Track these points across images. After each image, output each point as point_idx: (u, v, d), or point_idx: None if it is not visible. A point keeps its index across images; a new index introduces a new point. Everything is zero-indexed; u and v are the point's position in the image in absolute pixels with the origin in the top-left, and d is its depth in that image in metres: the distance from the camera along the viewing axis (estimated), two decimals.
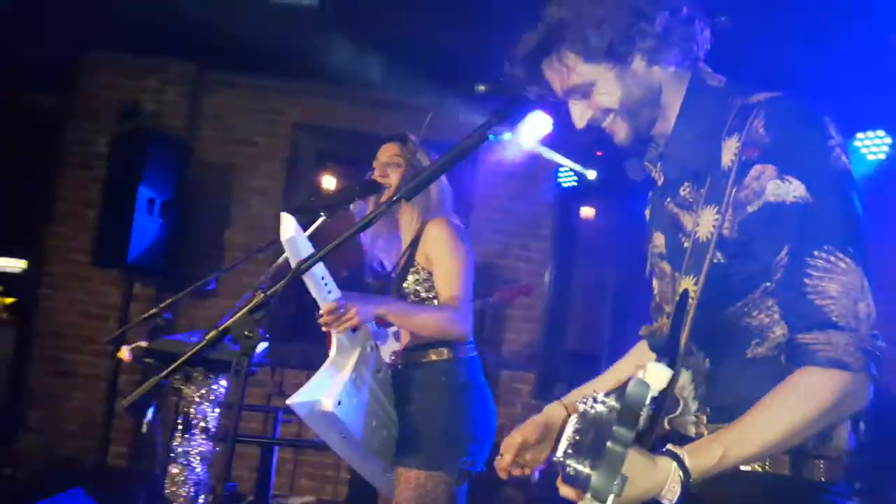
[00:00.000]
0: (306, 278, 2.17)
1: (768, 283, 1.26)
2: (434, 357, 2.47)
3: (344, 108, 5.60)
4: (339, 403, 2.23)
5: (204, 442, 3.10)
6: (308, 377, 2.23)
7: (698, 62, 1.40)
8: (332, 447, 2.39)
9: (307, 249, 2.07)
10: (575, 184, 5.34)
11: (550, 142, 5.16)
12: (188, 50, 5.37)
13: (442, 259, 2.45)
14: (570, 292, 5.38)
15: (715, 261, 1.27)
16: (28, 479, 4.88)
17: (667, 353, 1.28)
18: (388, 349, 2.60)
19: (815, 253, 1.19)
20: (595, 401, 1.01)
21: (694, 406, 1.35)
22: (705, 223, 1.30)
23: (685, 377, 1.36)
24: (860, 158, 4.34)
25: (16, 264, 7.07)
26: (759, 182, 1.23)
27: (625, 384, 1.01)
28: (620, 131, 1.40)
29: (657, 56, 1.34)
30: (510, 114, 1.60)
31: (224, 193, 5.58)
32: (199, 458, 3.09)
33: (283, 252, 2.26)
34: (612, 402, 1.00)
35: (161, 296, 5.38)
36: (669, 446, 1.16)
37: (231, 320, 1.57)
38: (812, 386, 1.17)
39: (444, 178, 2.65)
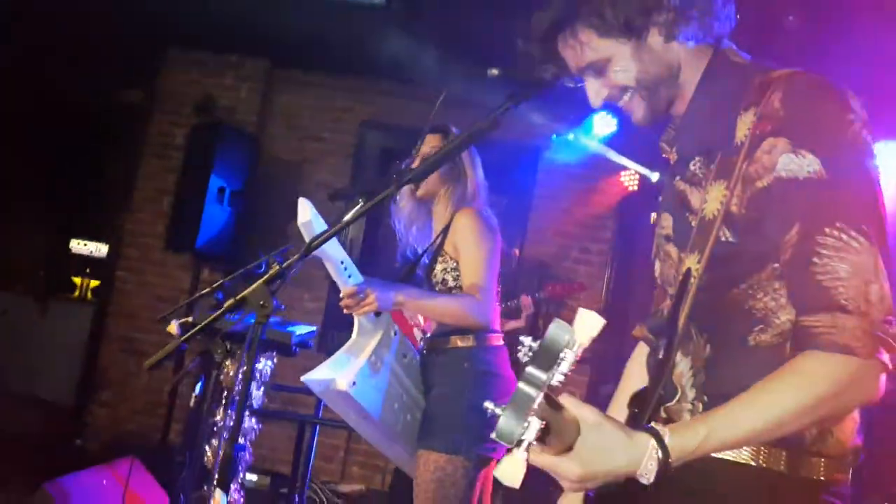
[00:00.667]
0: (326, 262, 2.23)
1: (776, 265, 1.19)
2: (459, 343, 2.49)
3: (407, 105, 5.68)
4: (355, 384, 2.27)
5: (245, 418, 3.21)
6: None
7: (721, 39, 1.34)
8: (353, 426, 2.45)
9: (323, 230, 2.13)
10: (636, 187, 5.25)
11: (614, 143, 5.10)
12: (261, 48, 5.59)
13: (467, 248, 2.47)
14: (629, 297, 5.29)
15: (721, 238, 1.22)
16: (95, 452, 5.16)
17: (665, 335, 1.24)
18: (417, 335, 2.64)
19: (827, 230, 1.11)
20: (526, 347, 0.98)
21: (691, 394, 1.28)
22: (713, 199, 1.24)
23: (684, 363, 1.29)
24: None
25: (100, 248, 7.51)
26: (770, 156, 1.17)
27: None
28: (638, 110, 1.35)
29: (675, 31, 1.28)
30: (525, 97, 1.60)
31: (291, 186, 5.76)
32: (241, 434, 3.20)
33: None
34: (535, 345, 0.96)
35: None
36: (653, 423, 1.12)
37: (247, 290, 1.64)
38: (812, 371, 1.10)
39: (480, 171, 2.69)
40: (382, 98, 5.73)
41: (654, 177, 5.13)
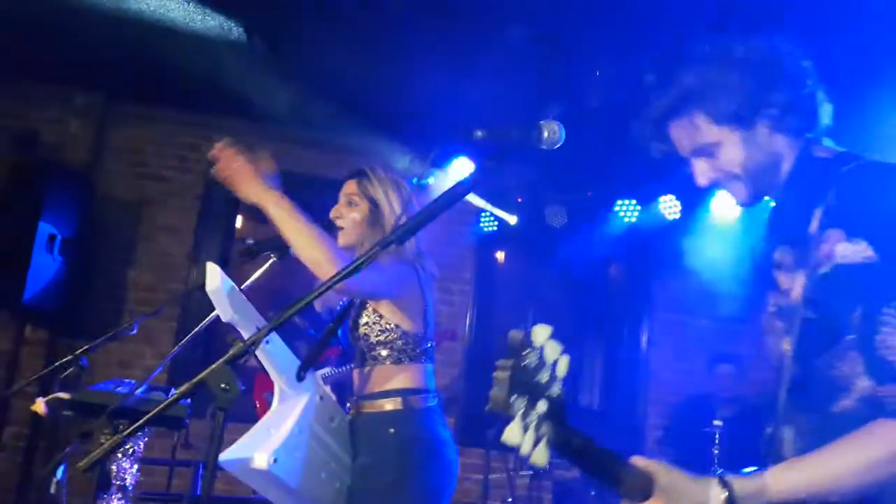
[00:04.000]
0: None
1: (851, 336, 1.31)
2: (387, 406, 2.36)
3: (265, 146, 5.44)
4: (276, 461, 2.09)
5: (120, 502, 2.84)
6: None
7: (814, 133, 1.47)
8: (274, 501, 2.23)
9: (235, 296, 1.95)
10: (495, 228, 5.38)
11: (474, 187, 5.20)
12: (96, 80, 5.09)
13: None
14: (490, 336, 5.38)
15: (806, 317, 1.36)
16: None
17: (771, 410, 1.44)
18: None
19: (884, 310, 1.25)
20: None
21: None
22: (797, 285, 1.40)
23: (788, 433, 1.41)
24: None
25: None
26: (829, 245, 1.32)
27: None
28: (740, 194, 1.49)
29: (780, 125, 1.43)
30: (503, 160, 1.59)
31: (130, 230, 5.27)
32: None
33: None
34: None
35: (55, 340, 4.99)
36: (720, 471, 1.29)
37: (207, 371, 1.44)
38: (875, 435, 1.22)
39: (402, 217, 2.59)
40: (235, 137, 5.42)
41: (512, 220, 5.29)
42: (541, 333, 1.21)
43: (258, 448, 2.08)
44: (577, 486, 4.70)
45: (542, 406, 1.18)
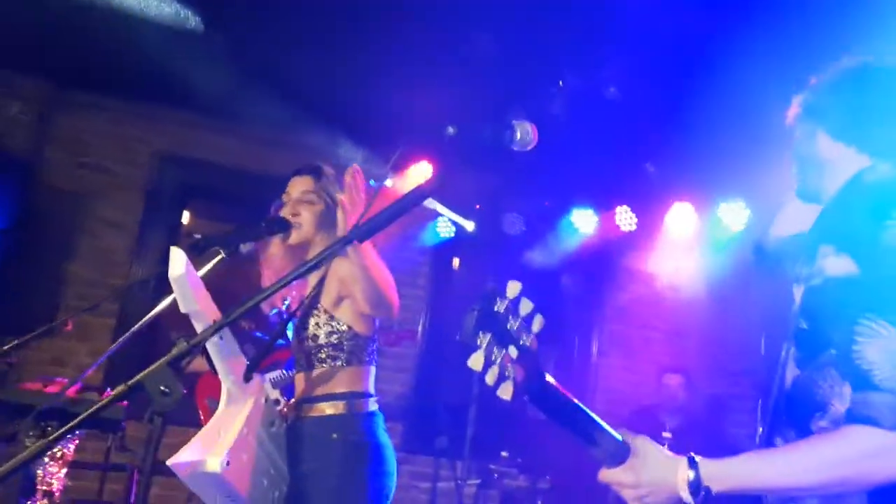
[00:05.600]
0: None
1: (833, 350, 1.35)
2: (329, 411, 2.29)
3: (214, 140, 5.29)
4: (228, 464, 2.00)
5: None
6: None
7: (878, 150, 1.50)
8: None
9: (199, 288, 1.86)
10: (452, 234, 5.33)
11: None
12: (41, 65, 4.87)
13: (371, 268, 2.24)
14: (445, 343, 5.32)
15: (800, 327, 1.43)
16: None
17: (764, 416, 1.54)
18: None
19: (860, 321, 1.29)
20: None
21: None
22: (797, 297, 1.46)
23: (779, 442, 1.46)
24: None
25: None
26: (823, 260, 1.38)
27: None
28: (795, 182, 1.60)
29: (838, 134, 1.50)
30: (471, 160, 1.54)
31: (71, 223, 5.05)
32: None
33: (170, 291, 2.02)
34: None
35: None
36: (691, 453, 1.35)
37: (146, 372, 1.33)
38: (838, 436, 1.27)
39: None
40: (182, 129, 5.27)
41: (470, 226, 5.24)
42: (513, 287, 1.29)
43: (210, 451, 1.98)
44: (523, 495, 4.66)
45: (512, 351, 1.26)
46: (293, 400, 2.37)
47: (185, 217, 5.56)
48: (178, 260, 1.85)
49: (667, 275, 5.16)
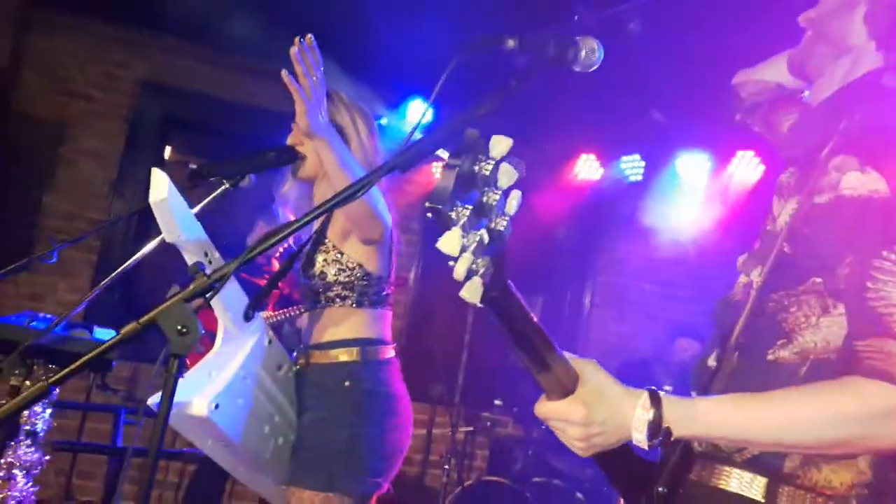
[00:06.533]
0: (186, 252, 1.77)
1: (818, 279, 1.14)
2: (342, 357, 2.15)
3: (201, 69, 5.02)
4: (217, 407, 1.85)
5: (30, 450, 2.54)
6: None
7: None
8: (208, 453, 1.99)
9: (184, 213, 1.69)
10: None
11: (429, 132, 4.94)
12: None
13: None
14: (435, 288, 5.20)
15: (782, 250, 1.18)
16: None
17: (720, 337, 1.26)
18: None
19: (884, 254, 1.06)
20: None
21: None
22: (786, 212, 1.22)
23: (726, 369, 1.24)
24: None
25: None
26: (838, 174, 1.12)
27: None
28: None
29: (873, 19, 1.24)
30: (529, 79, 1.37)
31: (48, 152, 4.79)
32: (23, 469, 2.52)
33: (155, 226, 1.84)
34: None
35: None
36: (653, 387, 1.13)
37: (159, 309, 1.18)
38: (841, 388, 1.04)
39: (373, 142, 2.35)
40: (167, 57, 4.98)
41: None
42: (500, 144, 1.00)
43: (198, 392, 1.83)
44: (511, 444, 4.62)
45: (484, 236, 0.98)
46: (301, 344, 2.23)
47: (167, 152, 5.31)
48: (160, 183, 1.66)
49: (668, 227, 5.05)
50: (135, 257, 2.19)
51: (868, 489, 1.11)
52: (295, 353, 2.21)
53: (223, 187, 2.07)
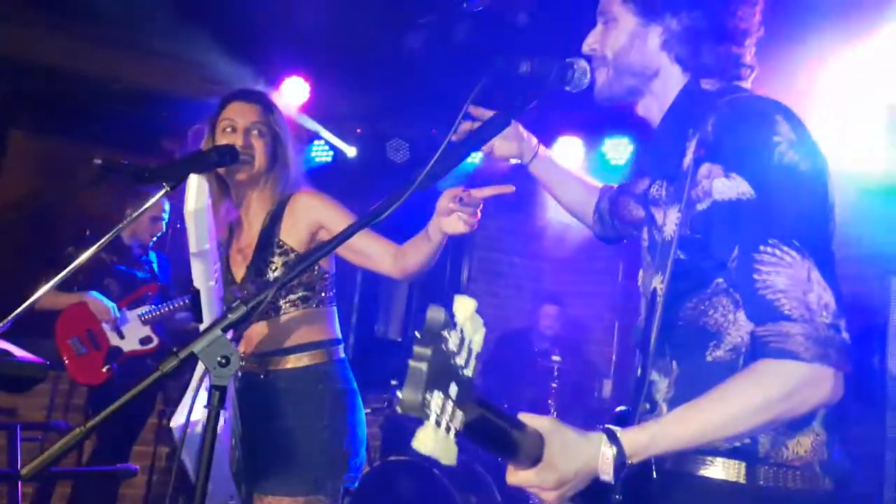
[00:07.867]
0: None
1: (720, 280, 1.27)
2: (308, 361, 2.13)
3: (52, 41, 4.55)
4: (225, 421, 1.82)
5: None
6: None
7: (707, 74, 1.39)
8: (190, 472, 1.92)
9: (210, 228, 1.60)
10: (330, 160, 5.06)
11: (309, 111, 4.82)
12: None
13: (347, 217, 2.09)
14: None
15: (678, 258, 1.30)
16: None
17: (641, 350, 1.37)
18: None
19: (761, 248, 1.20)
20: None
21: (664, 409, 1.34)
22: (670, 222, 1.34)
23: (661, 381, 1.35)
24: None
25: None
26: (708, 181, 1.26)
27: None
28: (600, 78, 1.46)
29: (670, 46, 1.39)
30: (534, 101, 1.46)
31: None
32: None
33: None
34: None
35: None
36: (608, 426, 1.19)
37: (200, 341, 1.12)
38: (760, 375, 1.18)
39: (300, 156, 2.35)
40: (11, 27, 4.47)
41: (351, 151, 5.01)
42: (464, 308, 1.02)
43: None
44: (407, 423, 4.70)
45: (453, 390, 0.98)
46: (247, 351, 2.15)
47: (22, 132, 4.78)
48: (200, 190, 1.57)
49: (539, 205, 5.29)
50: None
51: (825, 447, 1.27)
52: (243, 362, 2.14)
53: (163, 190, 1.94)
